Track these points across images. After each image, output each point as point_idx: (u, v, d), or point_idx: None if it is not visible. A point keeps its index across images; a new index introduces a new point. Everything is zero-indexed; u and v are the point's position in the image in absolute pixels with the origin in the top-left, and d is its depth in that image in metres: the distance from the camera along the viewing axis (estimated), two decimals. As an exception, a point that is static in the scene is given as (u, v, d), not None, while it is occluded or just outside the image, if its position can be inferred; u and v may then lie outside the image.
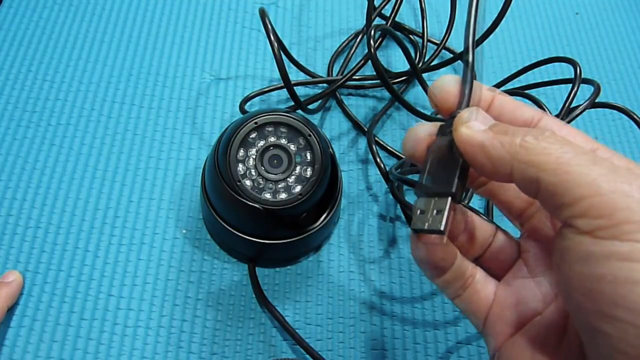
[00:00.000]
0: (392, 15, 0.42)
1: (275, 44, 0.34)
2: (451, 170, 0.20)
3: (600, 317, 0.15)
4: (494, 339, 0.22)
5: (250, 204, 0.32)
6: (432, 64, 0.45)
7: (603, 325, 0.15)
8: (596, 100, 0.36)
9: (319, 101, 0.43)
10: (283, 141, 0.34)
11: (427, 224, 0.20)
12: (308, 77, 0.45)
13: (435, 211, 0.20)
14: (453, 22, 0.45)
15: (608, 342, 0.15)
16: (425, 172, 0.21)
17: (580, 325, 0.17)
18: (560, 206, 0.16)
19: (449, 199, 0.19)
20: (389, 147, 0.42)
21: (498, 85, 0.44)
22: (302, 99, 0.38)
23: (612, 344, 0.15)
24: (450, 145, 0.20)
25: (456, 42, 0.48)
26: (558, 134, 0.17)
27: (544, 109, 0.41)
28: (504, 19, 0.36)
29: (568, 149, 0.17)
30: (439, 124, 0.21)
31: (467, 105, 0.20)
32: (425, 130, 0.21)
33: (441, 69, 0.45)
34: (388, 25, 0.42)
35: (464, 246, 0.23)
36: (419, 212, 0.20)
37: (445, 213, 0.19)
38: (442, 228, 0.19)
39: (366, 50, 0.38)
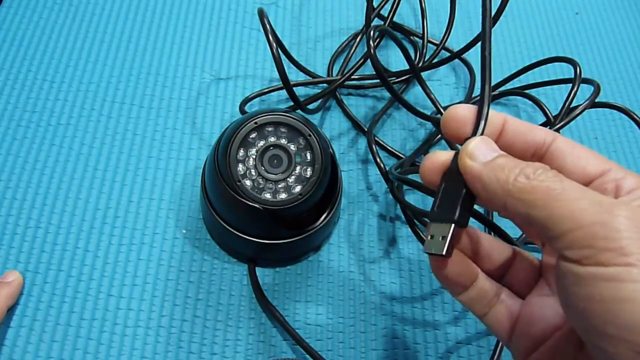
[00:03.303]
0: (390, 15, 0.42)
1: (274, 45, 0.34)
2: (457, 197, 0.21)
3: (596, 335, 0.17)
4: (519, 355, 0.23)
5: (250, 204, 0.32)
6: (432, 62, 0.45)
7: (599, 341, 0.17)
8: (596, 100, 0.36)
9: (319, 101, 0.43)
10: (283, 141, 0.34)
11: (433, 248, 0.22)
12: (308, 77, 0.45)
13: (441, 237, 0.21)
14: (452, 22, 0.45)
15: (606, 357, 0.16)
16: (437, 198, 0.22)
17: (584, 340, 0.18)
18: (550, 238, 0.18)
19: (452, 225, 0.21)
20: (389, 147, 0.42)
21: (498, 86, 0.44)
22: (302, 99, 0.38)
23: (610, 358, 0.16)
24: (459, 173, 0.21)
25: (456, 42, 0.48)
26: (550, 170, 0.19)
27: (543, 109, 0.41)
28: (504, 19, 0.36)
29: (556, 185, 0.18)
30: (453, 152, 0.22)
31: (482, 134, 0.21)
32: (440, 158, 0.22)
33: (440, 67, 0.45)
34: (386, 25, 0.42)
35: (484, 267, 0.24)
36: (430, 237, 0.22)
37: (448, 239, 0.21)
38: (444, 253, 0.21)
39: (366, 50, 0.38)
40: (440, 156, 0.22)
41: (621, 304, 0.16)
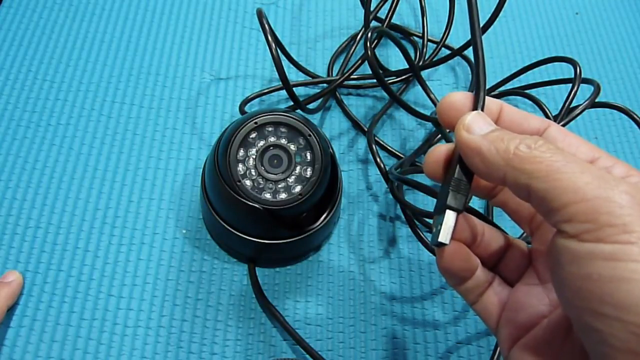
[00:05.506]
0: (388, 16, 0.42)
1: (273, 45, 0.34)
2: (451, 183, 0.21)
3: (590, 315, 0.16)
4: (505, 342, 0.23)
5: (250, 204, 0.32)
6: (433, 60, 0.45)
7: (593, 322, 0.16)
8: (596, 100, 0.36)
9: (319, 101, 0.43)
10: (283, 141, 0.34)
11: (436, 239, 0.21)
12: (308, 77, 0.45)
13: (440, 226, 0.21)
14: (452, 19, 0.45)
15: (599, 337, 0.16)
16: (441, 189, 0.22)
17: (575, 323, 0.18)
18: (550, 211, 0.17)
19: (447, 212, 0.21)
20: (389, 147, 0.42)
21: (498, 85, 0.44)
22: (302, 99, 0.38)
23: (603, 340, 0.16)
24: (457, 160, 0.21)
25: (456, 40, 0.48)
26: (551, 143, 0.18)
27: (543, 109, 0.41)
28: (504, 19, 0.36)
29: (558, 157, 0.18)
30: (454, 144, 0.22)
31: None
32: (442, 150, 0.22)
33: (440, 67, 0.45)
34: (385, 26, 0.42)
35: (481, 256, 0.24)
36: (434, 229, 0.22)
37: (447, 226, 0.21)
38: (441, 240, 0.21)
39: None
40: (442, 149, 0.22)
41: (619, 283, 0.15)
